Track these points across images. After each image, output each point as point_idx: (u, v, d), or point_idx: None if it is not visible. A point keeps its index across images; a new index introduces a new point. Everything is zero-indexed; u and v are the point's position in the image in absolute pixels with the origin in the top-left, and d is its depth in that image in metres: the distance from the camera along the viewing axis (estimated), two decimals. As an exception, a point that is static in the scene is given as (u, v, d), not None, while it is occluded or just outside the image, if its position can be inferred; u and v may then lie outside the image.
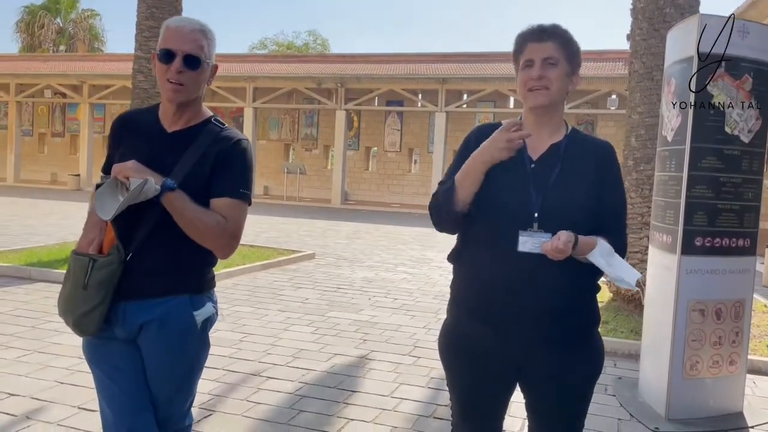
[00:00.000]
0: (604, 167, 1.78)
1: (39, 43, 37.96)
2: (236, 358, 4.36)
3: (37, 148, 29.44)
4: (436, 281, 7.98)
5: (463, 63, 22.95)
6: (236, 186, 1.81)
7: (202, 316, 1.83)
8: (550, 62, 1.74)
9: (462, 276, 1.84)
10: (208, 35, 1.84)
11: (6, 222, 12.03)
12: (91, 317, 1.74)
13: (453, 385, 1.90)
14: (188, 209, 1.72)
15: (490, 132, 1.79)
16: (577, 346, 1.78)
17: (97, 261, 1.74)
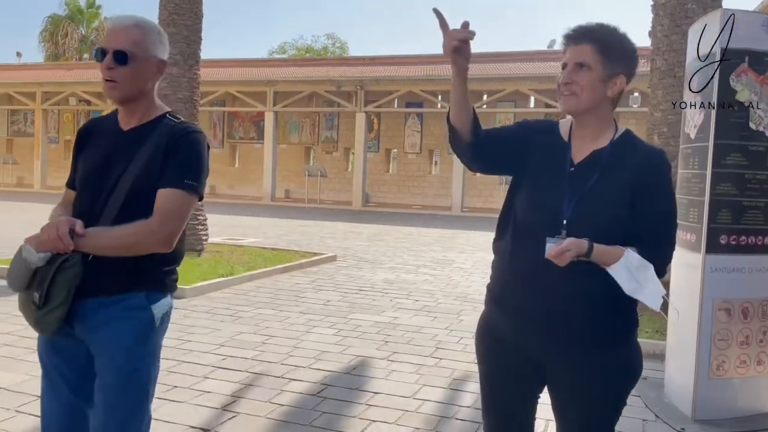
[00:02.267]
0: (646, 174, 1.68)
1: (63, 51, 38.65)
2: (259, 360, 4.39)
3: (63, 155, 29.94)
4: (458, 283, 7.96)
5: (482, 63, 22.83)
6: (178, 176, 1.74)
7: (159, 311, 1.80)
8: (582, 66, 1.68)
9: (494, 267, 1.87)
10: (146, 30, 1.81)
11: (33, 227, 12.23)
12: (52, 317, 1.72)
13: (480, 374, 1.92)
14: (102, 241, 1.70)
15: (545, 128, 1.83)
16: (603, 353, 1.71)
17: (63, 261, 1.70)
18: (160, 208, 1.71)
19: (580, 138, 1.77)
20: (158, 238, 1.72)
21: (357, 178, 23.33)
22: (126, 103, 1.82)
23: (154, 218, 1.71)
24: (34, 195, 23.36)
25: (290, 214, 18.31)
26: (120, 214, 1.73)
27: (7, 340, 4.60)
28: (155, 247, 1.73)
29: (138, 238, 1.71)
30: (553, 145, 1.79)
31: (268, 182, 23.78)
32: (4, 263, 7.53)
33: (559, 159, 1.74)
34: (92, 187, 1.81)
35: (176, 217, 1.73)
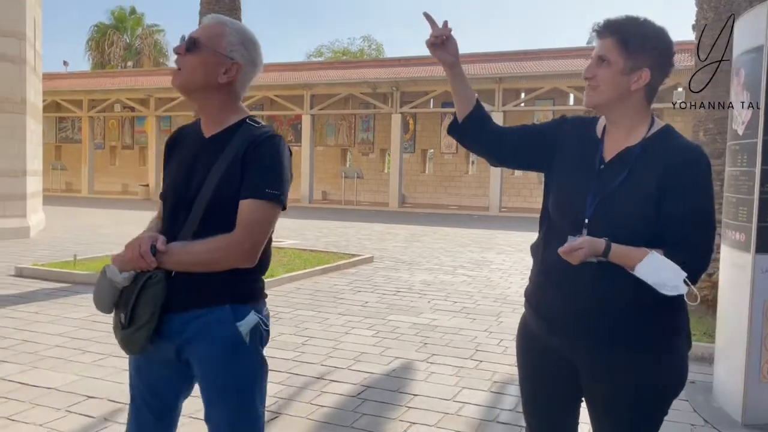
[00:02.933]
0: (678, 172, 1.59)
1: (108, 60, 39.84)
2: (299, 361, 4.44)
3: (109, 161, 30.88)
4: (497, 284, 7.89)
5: (519, 61, 22.62)
6: (260, 185, 1.66)
7: (245, 327, 1.71)
8: (603, 60, 1.65)
9: (532, 269, 1.86)
10: (228, 29, 1.75)
11: (82, 231, 12.67)
12: (137, 336, 1.68)
13: (519, 377, 1.92)
14: (186, 257, 1.67)
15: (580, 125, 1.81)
16: (638, 358, 1.64)
17: (147, 279, 1.68)
18: (243, 220, 1.64)
19: (612, 135, 1.72)
20: (242, 252, 1.65)
21: (393, 179, 23.35)
22: (189, 96, 1.76)
23: (237, 231, 1.64)
24: (82, 200, 24.10)
25: (327, 216, 18.45)
26: (200, 226, 1.68)
27: (57, 342, 4.76)
28: (239, 261, 1.66)
29: (221, 254, 1.65)
30: (586, 141, 1.75)
31: (306, 184, 24.00)
32: (56, 266, 7.80)
33: (589, 156, 1.71)
34: (174, 198, 1.76)
35: (259, 229, 1.66)
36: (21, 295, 6.44)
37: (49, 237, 11.67)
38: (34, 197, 12.54)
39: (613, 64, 1.63)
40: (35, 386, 3.78)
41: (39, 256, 9.03)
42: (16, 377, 3.93)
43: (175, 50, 1.73)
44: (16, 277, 7.46)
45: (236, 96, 1.79)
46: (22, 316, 5.53)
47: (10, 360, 4.28)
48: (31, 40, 12.07)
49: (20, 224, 11.43)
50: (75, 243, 10.71)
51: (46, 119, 25.17)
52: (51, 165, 26.99)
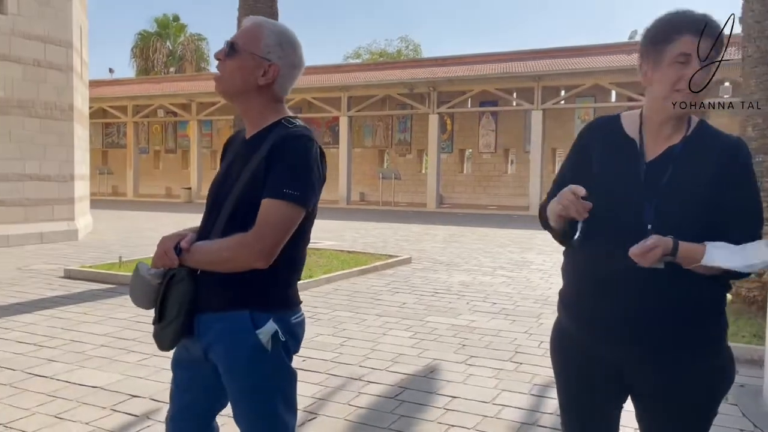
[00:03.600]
0: (726, 165, 1.57)
1: (152, 66, 40.89)
2: (337, 362, 4.46)
3: (153, 164, 31.68)
4: (537, 285, 7.78)
5: (559, 58, 22.28)
6: (278, 185, 1.62)
7: (265, 336, 1.67)
8: (705, 63, 1.57)
9: (567, 274, 1.79)
10: (266, 30, 1.74)
11: (127, 234, 13.02)
12: (167, 332, 1.71)
13: (557, 385, 1.86)
14: (203, 256, 1.68)
15: (605, 126, 1.73)
16: (691, 358, 1.62)
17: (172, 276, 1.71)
18: (258, 220, 1.63)
19: (655, 135, 1.65)
20: (253, 251, 1.62)
21: (431, 180, 23.29)
22: (231, 100, 1.78)
23: (251, 231, 1.62)
24: (127, 203, 24.78)
25: (365, 217, 18.51)
26: (226, 227, 1.68)
27: (103, 341, 4.89)
28: (251, 261, 1.63)
29: (233, 252, 1.63)
30: (619, 144, 1.69)
31: (344, 186, 24.14)
32: (103, 268, 8.03)
33: (630, 158, 1.65)
34: (211, 199, 1.79)
35: (274, 229, 1.62)
36: (69, 296, 6.65)
37: (97, 239, 12.03)
38: (82, 201, 12.94)
39: (715, 66, 1.59)
40: (82, 385, 3.89)
41: (86, 258, 9.32)
42: (63, 376, 4.05)
43: (215, 56, 1.74)
44: (65, 278, 7.71)
45: (276, 97, 1.78)
46: (70, 317, 5.70)
47: (59, 359, 4.41)
48: (77, 48, 12.47)
49: (69, 227, 11.81)
50: (121, 245, 11.01)
51: (93, 125, 25.97)
52: (98, 169, 27.82)
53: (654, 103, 1.64)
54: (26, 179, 11.08)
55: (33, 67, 11.09)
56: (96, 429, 3.24)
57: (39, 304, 6.25)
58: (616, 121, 1.74)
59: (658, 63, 1.59)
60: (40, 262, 8.98)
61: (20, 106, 10.91)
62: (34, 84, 11.14)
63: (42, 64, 11.25)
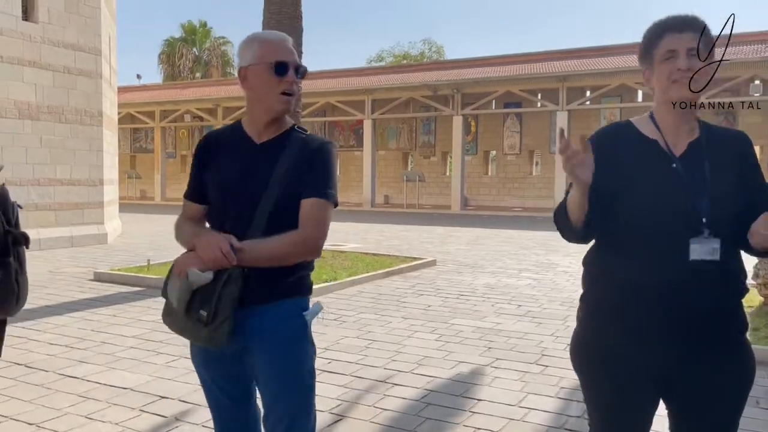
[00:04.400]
0: (748, 154, 1.75)
1: (179, 72, 41.49)
2: (363, 364, 4.46)
3: (180, 168, 32.08)
4: (563, 287, 7.69)
5: (584, 58, 22.05)
6: (321, 186, 1.82)
7: (311, 316, 1.87)
8: (693, 53, 1.65)
9: (607, 283, 1.74)
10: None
11: (155, 237, 13.21)
12: (222, 330, 1.76)
13: (593, 401, 1.81)
14: (261, 254, 1.76)
15: (619, 132, 1.76)
16: (729, 353, 1.69)
17: (228, 277, 1.76)
18: (311, 217, 1.79)
19: (674, 132, 1.71)
20: (311, 245, 1.81)
21: (455, 182, 23.21)
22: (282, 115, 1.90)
23: (308, 226, 1.79)
24: (155, 206, 25.13)
25: (389, 220, 18.51)
26: (269, 224, 1.78)
27: (132, 343, 4.97)
28: (309, 254, 1.84)
29: (293, 248, 1.79)
30: (642, 145, 1.71)
31: (368, 188, 24.19)
32: (132, 271, 8.16)
33: (660, 157, 1.68)
34: (235, 199, 1.84)
35: (323, 224, 1.81)
36: (99, 299, 6.77)
37: (125, 243, 12.23)
38: (111, 205, 13.18)
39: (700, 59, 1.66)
40: (112, 386, 3.95)
41: (115, 261, 9.48)
42: (94, 377, 4.12)
43: (291, 79, 1.85)
44: (95, 281, 7.85)
45: None
46: (100, 319, 5.81)
47: (89, 360, 4.49)
48: (106, 55, 12.71)
49: (98, 231, 12.03)
50: (149, 248, 11.18)
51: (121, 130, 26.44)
52: (126, 174, 28.31)
53: (660, 103, 1.73)
54: (57, 183, 11.32)
55: (63, 73, 11.34)
56: (126, 430, 3.29)
57: (70, 306, 6.37)
58: (629, 125, 1.79)
59: (652, 66, 1.71)
60: (71, 265, 9.16)
61: (51, 112, 11.16)
62: (64, 90, 11.38)
63: (72, 71, 11.50)
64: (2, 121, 10.36)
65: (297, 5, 9.06)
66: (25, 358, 4.52)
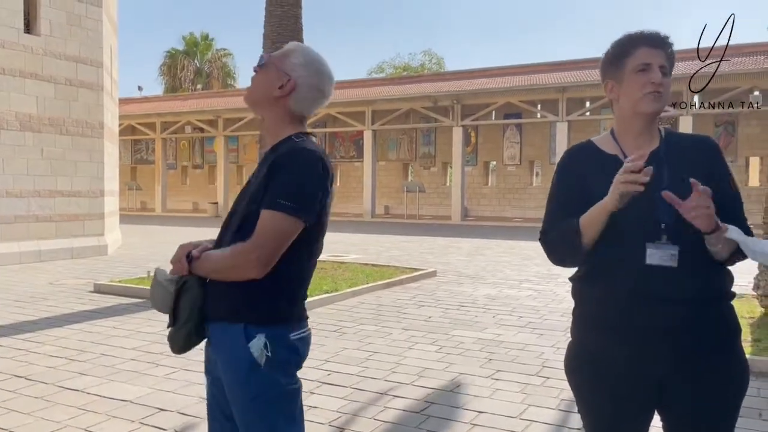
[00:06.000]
0: (712, 159, 1.74)
1: (180, 83, 41.67)
2: (363, 376, 4.44)
3: (180, 180, 32.16)
4: (564, 298, 7.67)
5: (583, 69, 22.13)
6: (274, 197, 1.65)
7: (255, 350, 1.67)
8: (664, 72, 1.71)
9: (591, 293, 1.76)
10: (294, 49, 1.86)
11: (156, 248, 13.21)
12: (178, 335, 1.77)
13: (589, 414, 1.81)
14: (206, 264, 1.73)
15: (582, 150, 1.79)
16: (719, 361, 1.69)
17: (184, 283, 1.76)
18: (255, 230, 1.66)
19: (634, 144, 1.74)
20: (250, 260, 1.65)
21: (455, 193, 23.24)
22: (254, 109, 1.87)
23: (248, 240, 1.66)
24: (156, 218, 25.15)
25: (390, 230, 18.51)
26: (233, 238, 1.72)
27: (132, 355, 4.95)
28: (247, 270, 1.66)
29: (232, 261, 1.68)
30: (602, 161, 1.74)
31: (368, 199, 24.21)
32: (132, 282, 8.15)
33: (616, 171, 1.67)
34: (229, 212, 1.86)
35: (266, 239, 1.64)
36: (99, 311, 6.76)
37: (126, 254, 12.22)
38: (112, 216, 13.18)
39: (670, 76, 1.73)
40: (111, 398, 3.94)
41: (116, 273, 9.47)
42: (93, 389, 4.11)
43: (253, 68, 1.85)
44: (95, 293, 7.83)
45: (292, 113, 1.82)
46: (100, 330, 5.79)
47: (89, 373, 4.48)
48: (107, 67, 12.77)
49: (98, 242, 12.03)
50: (149, 260, 11.17)
51: (122, 142, 26.51)
52: (127, 185, 28.34)
53: (625, 115, 1.75)
54: (57, 195, 11.33)
55: (65, 86, 11.39)
56: (125, 442, 3.27)
57: (69, 318, 6.36)
58: (589, 144, 1.83)
59: (621, 77, 1.73)
60: (71, 277, 9.16)
61: (52, 123, 11.19)
62: (65, 102, 11.43)
63: (73, 83, 11.55)
64: (4, 133, 10.40)
65: (298, 18, 9.12)
66: (25, 370, 4.51)
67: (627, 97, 1.72)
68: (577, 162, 1.79)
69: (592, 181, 1.72)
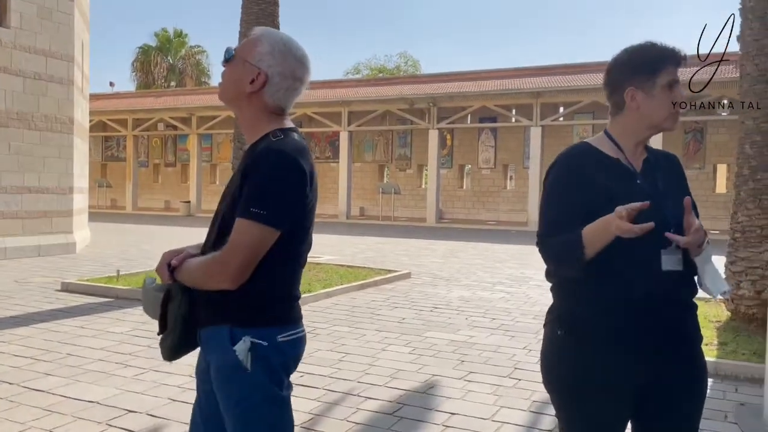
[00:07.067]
0: (682, 174, 1.87)
1: (153, 80, 41.07)
2: (335, 377, 4.42)
3: (152, 178, 31.69)
4: (536, 300, 7.75)
5: (557, 75, 22.41)
6: (246, 203, 1.58)
7: (241, 353, 1.62)
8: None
9: (586, 299, 1.72)
10: (263, 38, 1.72)
11: (125, 247, 13.00)
12: (166, 343, 1.73)
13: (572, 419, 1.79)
14: (185, 274, 1.68)
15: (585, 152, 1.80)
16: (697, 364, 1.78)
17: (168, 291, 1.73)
18: (229, 240, 1.60)
19: (633, 152, 1.80)
20: (221, 271, 1.59)
21: (430, 195, 23.32)
22: (229, 107, 1.79)
23: (220, 251, 1.61)
24: (126, 216, 24.75)
25: (365, 232, 18.50)
26: (215, 244, 1.67)
27: (100, 355, 4.86)
28: (220, 282, 1.60)
29: (206, 270, 1.64)
30: (607, 163, 1.77)
31: (343, 200, 24.16)
32: (100, 281, 8.00)
33: (623, 175, 1.75)
34: (215, 213, 1.78)
35: (239, 250, 1.57)
36: (66, 310, 6.62)
37: (94, 252, 12.00)
38: (80, 214, 12.93)
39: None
40: (78, 399, 3.85)
41: (84, 272, 9.29)
42: (59, 390, 4.02)
43: (222, 63, 1.77)
44: (62, 291, 7.67)
45: (269, 108, 1.72)
46: (67, 330, 5.67)
47: (55, 373, 4.38)
48: (78, 62, 12.53)
49: (67, 240, 11.78)
50: (119, 258, 10.99)
51: (93, 138, 26.04)
52: (97, 182, 27.85)
53: (639, 124, 1.77)
54: (25, 191, 11.07)
55: (34, 80, 11.14)
56: (91, 444, 3.21)
57: (35, 317, 6.21)
58: (588, 145, 1.83)
59: (650, 89, 1.73)
60: (38, 275, 8.95)
61: (20, 118, 10.94)
62: (34, 97, 11.18)
63: (43, 77, 11.30)
64: (-31, 126, 10.13)
65: (275, 16, 9.08)
66: (-12, 370, 4.39)
67: (652, 110, 1.74)
68: (580, 163, 1.78)
69: (596, 180, 1.73)
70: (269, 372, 1.65)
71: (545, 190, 1.81)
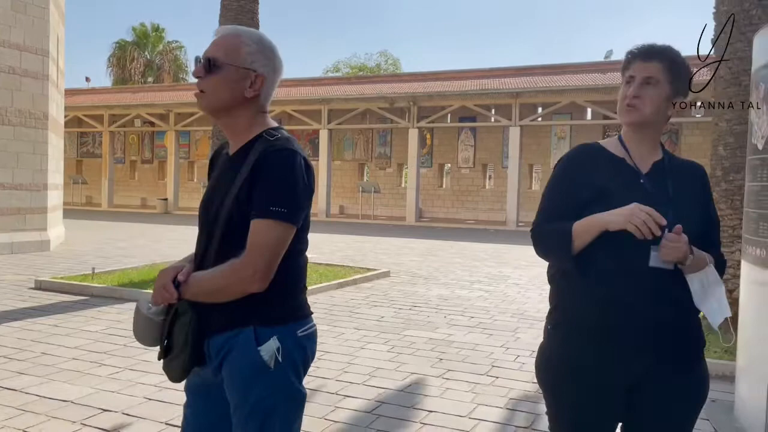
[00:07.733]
0: (705, 186, 1.85)
1: (129, 76, 40.53)
2: (314, 376, 4.42)
3: (129, 175, 31.28)
4: (514, 299, 7.82)
5: (536, 76, 22.60)
6: (265, 204, 1.56)
7: (266, 352, 1.61)
8: (650, 83, 1.75)
9: (580, 295, 1.74)
10: (244, 39, 1.67)
11: (101, 245, 12.81)
12: (175, 364, 1.68)
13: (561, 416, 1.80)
14: (199, 288, 1.63)
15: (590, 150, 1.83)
16: (686, 370, 1.74)
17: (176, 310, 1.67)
18: (250, 243, 1.57)
19: (637, 152, 1.80)
20: (248, 276, 1.56)
21: (410, 194, 23.36)
22: (216, 116, 1.70)
23: (243, 255, 1.57)
24: (102, 213, 24.40)
25: (344, 230, 18.47)
26: (221, 249, 1.62)
27: (74, 354, 4.79)
28: (248, 286, 1.57)
29: (229, 280, 1.59)
30: (610, 161, 1.80)
31: (323, 199, 24.08)
32: (75, 279, 7.88)
33: (625, 174, 1.76)
34: (201, 223, 1.73)
35: (265, 251, 1.56)
36: (40, 308, 6.51)
37: (69, 250, 11.81)
38: (55, 211, 12.71)
39: (661, 88, 1.75)
40: (52, 399, 3.80)
41: (58, 270, 9.14)
42: (33, 389, 3.96)
43: (194, 74, 1.67)
44: (36, 289, 7.55)
45: (262, 108, 1.71)
46: (41, 329, 5.58)
47: (28, 372, 4.31)
48: (54, 56, 12.31)
49: (41, 237, 11.58)
50: (94, 256, 10.83)
51: (68, 134, 25.62)
52: (72, 179, 27.40)
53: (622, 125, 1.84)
54: (-2, 188, 10.86)
55: (7, 74, 10.93)
56: (65, 444, 3.16)
57: (8, 315, 6.10)
58: (597, 145, 1.87)
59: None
60: (10, 273, 8.79)
61: (-7, 113, 10.72)
62: (8, 92, 10.97)
63: (17, 72, 11.09)
64: (-60, 121, 9.90)
65: (254, 13, 9.01)
66: (-42, 369, 4.31)
67: (617, 107, 1.81)
68: (583, 158, 1.83)
69: (597, 173, 1.77)
70: (293, 369, 1.66)
71: (546, 185, 1.89)
